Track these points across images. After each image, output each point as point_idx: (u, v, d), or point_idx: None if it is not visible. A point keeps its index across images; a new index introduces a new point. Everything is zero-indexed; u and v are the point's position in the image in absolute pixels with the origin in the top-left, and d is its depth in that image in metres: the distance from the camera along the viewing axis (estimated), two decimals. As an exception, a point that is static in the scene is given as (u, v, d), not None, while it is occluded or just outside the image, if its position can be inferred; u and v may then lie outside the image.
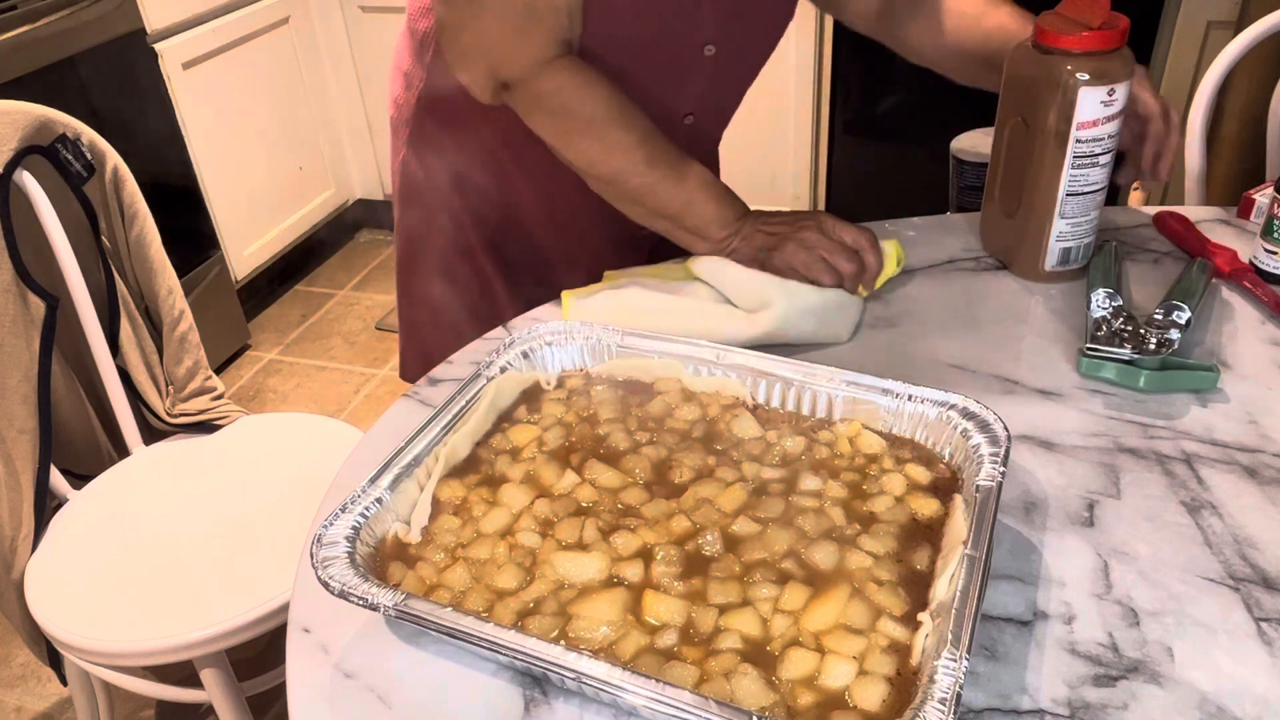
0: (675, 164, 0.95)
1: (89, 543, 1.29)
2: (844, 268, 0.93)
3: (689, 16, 0.96)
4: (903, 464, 0.73)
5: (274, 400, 2.51)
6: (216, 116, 2.51)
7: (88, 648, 1.16)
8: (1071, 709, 0.59)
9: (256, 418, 1.51)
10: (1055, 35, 0.89)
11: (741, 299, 0.94)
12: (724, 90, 1.09)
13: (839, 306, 0.94)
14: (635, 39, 0.96)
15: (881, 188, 2.62)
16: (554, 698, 0.61)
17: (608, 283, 1.00)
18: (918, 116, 2.49)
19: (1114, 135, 0.92)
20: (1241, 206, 1.10)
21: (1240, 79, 1.85)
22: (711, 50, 1.00)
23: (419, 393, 0.91)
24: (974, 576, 0.58)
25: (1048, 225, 0.97)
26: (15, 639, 1.82)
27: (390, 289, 2.94)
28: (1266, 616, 0.64)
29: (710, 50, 1.00)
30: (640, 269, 1.02)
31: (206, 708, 1.65)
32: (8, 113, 1.25)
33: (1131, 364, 0.85)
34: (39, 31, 1.99)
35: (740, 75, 1.08)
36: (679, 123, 1.06)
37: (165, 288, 1.43)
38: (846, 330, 0.94)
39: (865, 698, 0.56)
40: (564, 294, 0.98)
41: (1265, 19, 1.36)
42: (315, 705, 0.62)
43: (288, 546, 1.24)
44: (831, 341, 0.93)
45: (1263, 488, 0.74)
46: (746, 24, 1.02)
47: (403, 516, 0.70)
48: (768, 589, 0.63)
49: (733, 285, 0.95)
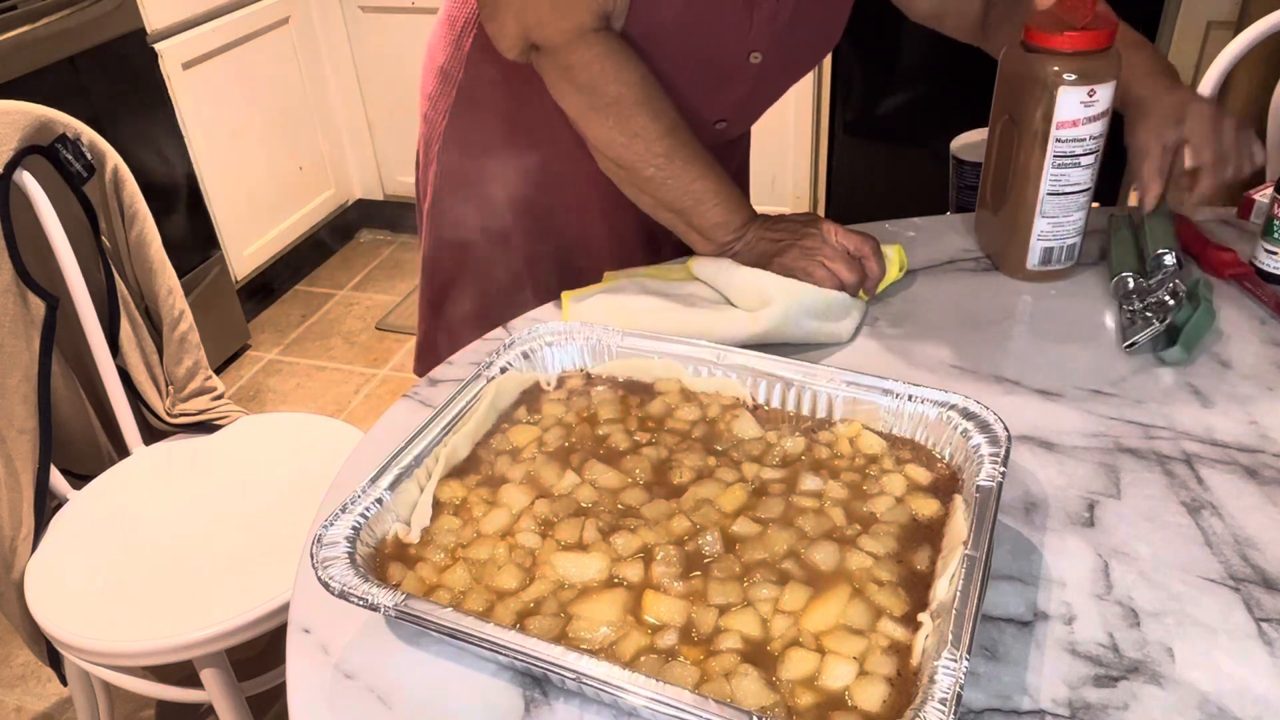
0: (694, 161, 0.93)
1: (89, 543, 1.29)
2: (845, 275, 0.93)
3: (740, 22, 0.94)
4: (903, 464, 0.73)
5: (274, 400, 2.51)
6: (216, 116, 2.51)
7: (88, 648, 1.16)
8: (1072, 709, 0.59)
9: (256, 418, 1.51)
10: (1041, 34, 0.89)
11: (742, 299, 0.94)
12: (761, 99, 1.07)
13: (841, 306, 0.93)
14: (681, 39, 0.94)
15: (881, 188, 2.62)
16: (554, 698, 0.61)
17: (607, 283, 0.99)
18: (918, 117, 2.49)
19: (1096, 136, 0.92)
20: (1241, 206, 1.10)
21: (1240, 79, 1.85)
22: (758, 58, 0.98)
23: (419, 393, 0.91)
24: (974, 577, 0.58)
25: (1030, 224, 0.97)
26: (15, 639, 1.82)
27: (390, 289, 2.94)
28: (1267, 617, 0.64)
29: (756, 58, 0.98)
30: (640, 269, 1.02)
31: (206, 708, 1.65)
32: (8, 113, 1.25)
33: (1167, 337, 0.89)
34: (39, 31, 1.99)
35: (780, 85, 1.06)
36: (709, 128, 1.04)
37: (165, 288, 1.43)
38: (848, 331, 0.94)
39: (865, 698, 0.56)
40: (563, 295, 0.98)
41: (1265, 19, 1.36)
42: (315, 705, 0.62)
43: (288, 546, 1.24)
44: (832, 341, 0.93)
45: (1263, 488, 0.74)
46: (797, 35, 1.00)
47: (403, 517, 0.70)
48: (768, 589, 0.63)
49: (733, 287, 0.95)
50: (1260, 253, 0.98)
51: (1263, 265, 0.98)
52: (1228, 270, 0.98)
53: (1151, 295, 0.92)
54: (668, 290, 0.97)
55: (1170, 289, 0.91)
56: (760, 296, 0.92)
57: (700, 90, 0.99)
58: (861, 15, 1.08)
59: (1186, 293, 0.91)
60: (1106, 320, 0.95)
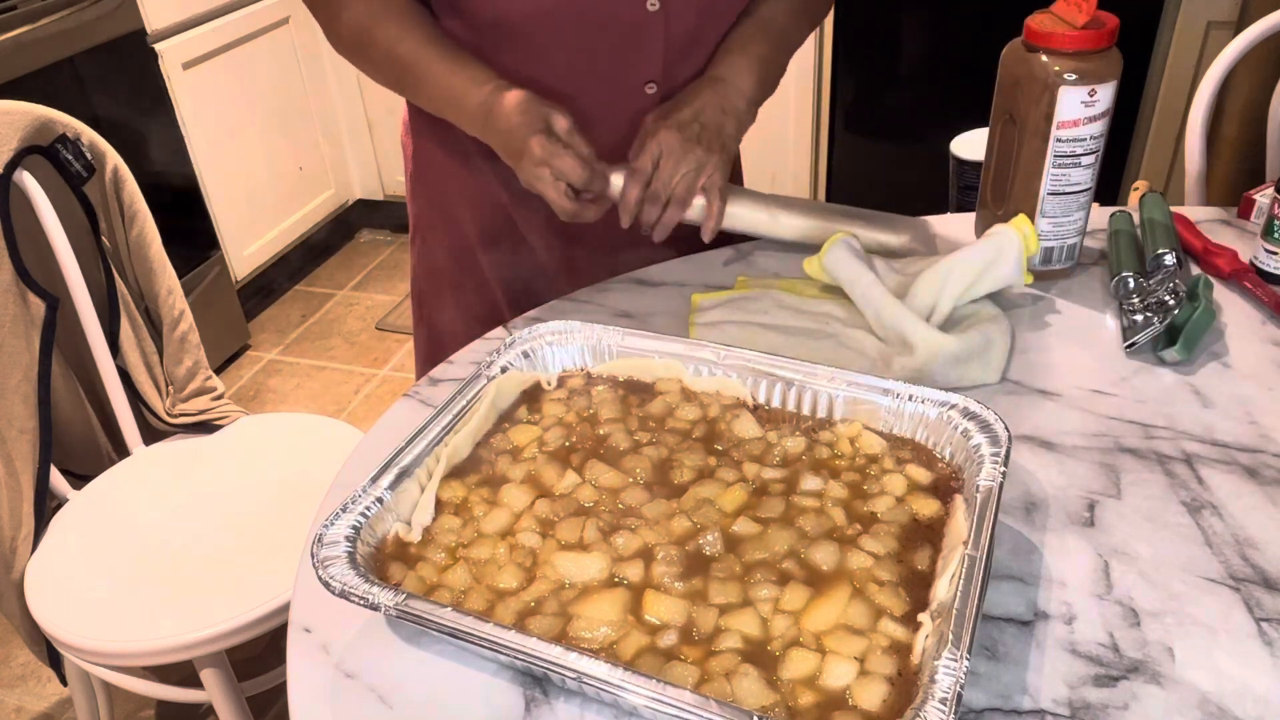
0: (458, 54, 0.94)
1: (89, 543, 1.29)
2: (571, 209, 0.91)
3: None
4: (903, 464, 0.73)
5: (274, 400, 2.51)
6: (216, 116, 2.51)
7: (88, 648, 1.16)
8: (1072, 709, 0.59)
9: (256, 418, 1.51)
10: (1041, 34, 0.89)
11: (877, 326, 0.90)
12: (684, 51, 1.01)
13: (983, 350, 0.87)
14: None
15: (881, 187, 2.62)
16: (555, 698, 0.61)
17: (739, 290, 1.00)
18: (918, 116, 2.49)
19: (1097, 136, 0.92)
20: (1241, 206, 1.10)
21: (1240, 79, 1.85)
22: (655, 5, 0.94)
23: (419, 393, 0.91)
24: (974, 577, 0.58)
25: None
26: (15, 639, 1.82)
27: (390, 289, 2.94)
28: (1267, 616, 0.64)
29: (654, 5, 0.94)
30: (774, 280, 1.02)
31: (206, 708, 1.65)
32: (8, 113, 1.25)
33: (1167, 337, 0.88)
34: (39, 31, 1.99)
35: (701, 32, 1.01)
36: (640, 93, 1.00)
37: (165, 288, 1.44)
38: (994, 374, 0.87)
39: (866, 698, 0.56)
40: (694, 297, 0.99)
41: (1265, 19, 1.36)
42: (315, 705, 0.62)
43: (288, 546, 1.24)
44: (977, 385, 0.87)
45: (1263, 488, 0.74)
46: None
47: (403, 516, 0.70)
48: (768, 589, 0.63)
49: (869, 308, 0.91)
50: (1260, 253, 0.98)
51: (1263, 265, 0.98)
52: (1228, 270, 0.98)
53: (1151, 295, 0.92)
54: (801, 307, 0.95)
55: (1170, 289, 0.91)
56: (898, 334, 0.88)
57: (611, 50, 0.97)
58: (862, 15, 1.08)
59: (1186, 292, 0.91)
60: (1106, 320, 0.95)
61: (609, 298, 1.03)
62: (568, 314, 0.97)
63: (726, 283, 1.04)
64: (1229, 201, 1.14)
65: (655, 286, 1.05)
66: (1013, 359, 0.90)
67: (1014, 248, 0.91)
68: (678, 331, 0.95)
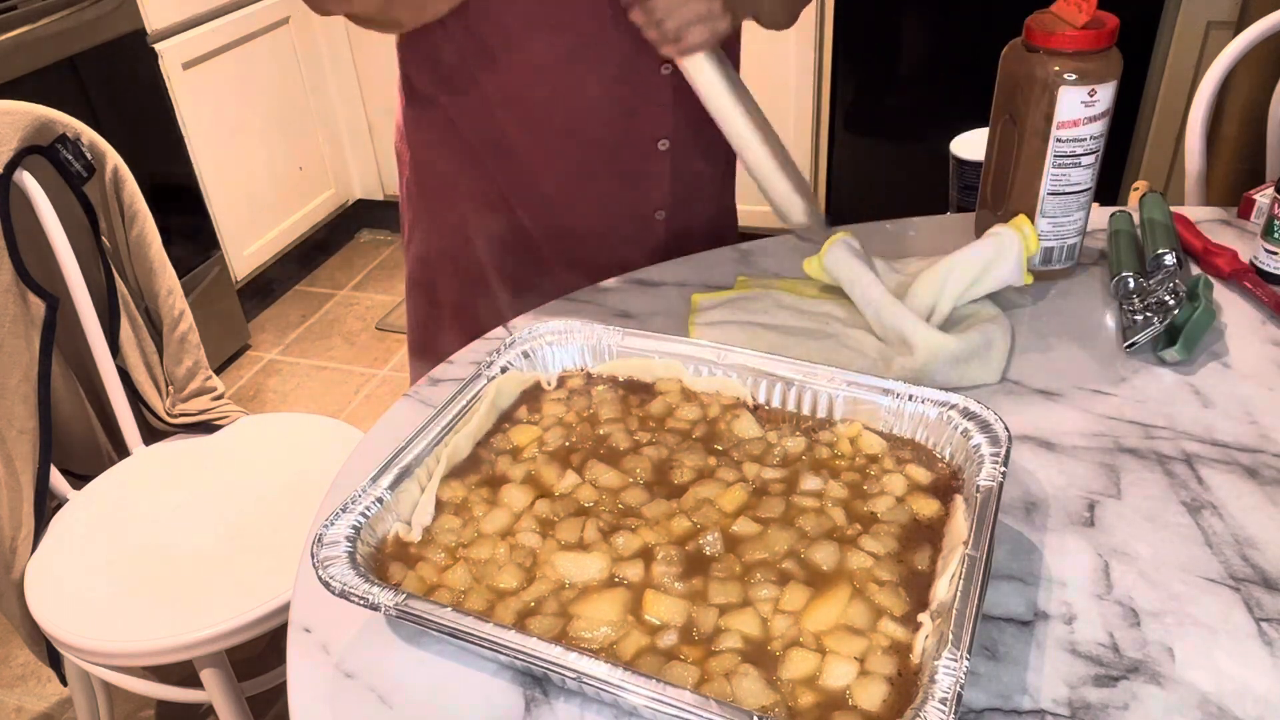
0: None
1: (89, 543, 1.29)
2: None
3: None
4: (903, 464, 0.73)
5: (274, 400, 2.51)
6: (216, 116, 2.51)
7: (88, 648, 1.16)
8: (1072, 709, 0.59)
9: (256, 418, 1.51)
10: (1041, 34, 0.89)
11: (877, 326, 0.90)
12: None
13: (983, 350, 0.87)
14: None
15: (881, 187, 2.62)
16: (555, 698, 0.61)
17: (738, 290, 1.00)
18: (918, 116, 2.49)
19: (1096, 136, 0.92)
20: (1241, 206, 1.10)
21: (1240, 79, 1.85)
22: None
23: (419, 393, 0.91)
24: (974, 577, 0.58)
25: None
26: (15, 639, 1.82)
27: (390, 289, 2.94)
28: (1267, 617, 0.64)
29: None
30: (772, 280, 1.02)
31: (206, 708, 1.65)
32: (8, 113, 1.25)
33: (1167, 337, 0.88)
34: (39, 31, 1.99)
35: None
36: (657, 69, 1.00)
37: (165, 288, 1.43)
38: (994, 374, 0.87)
39: (866, 698, 0.56)
40: (694, 297, 0.99)
41: (1265, 19, 1.36)
42: (315, 705, 0.62)
43: (288, 546, 1.24)
44: (977, 384, 0.87)
45: (1263, 488, 0.74)
46: None
47: (403, 516, 0.70)
48: (768, 589, 0.63)
49: (869, 308, 0.91)
50: (1260, 253, 0.98)
51: (1263, 265, 0.98)
52: (1228, 270, 0.98)
53: (1151, 295, 0.92)
54: (801, 307, 0.95)
55: (1170, 289, 0.91)
56: (898, 335, 0.88)
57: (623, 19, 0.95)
58: (862, 15, 1.08)
59: (1186, 293, 0.91)
60: (1106, 320, 0.95)
61: (609, 298, 1.04)
62: (568, 314, 0.97)
63: (726, 283, 1.04)
64: (1229, 201, 1.14)
65: (655, 286, 1.05)
66: (1013, 359, 0.90)
67: (1014, 248, 0.91)
68: (678, 331, 0.95)
